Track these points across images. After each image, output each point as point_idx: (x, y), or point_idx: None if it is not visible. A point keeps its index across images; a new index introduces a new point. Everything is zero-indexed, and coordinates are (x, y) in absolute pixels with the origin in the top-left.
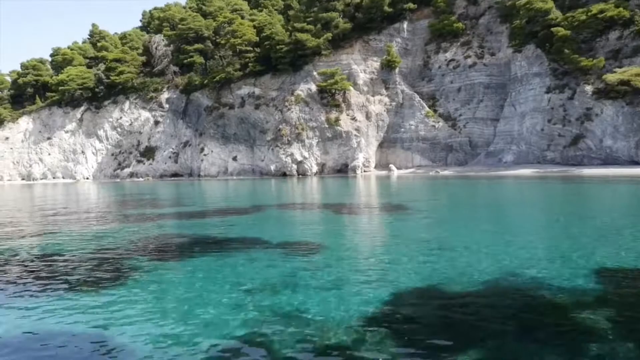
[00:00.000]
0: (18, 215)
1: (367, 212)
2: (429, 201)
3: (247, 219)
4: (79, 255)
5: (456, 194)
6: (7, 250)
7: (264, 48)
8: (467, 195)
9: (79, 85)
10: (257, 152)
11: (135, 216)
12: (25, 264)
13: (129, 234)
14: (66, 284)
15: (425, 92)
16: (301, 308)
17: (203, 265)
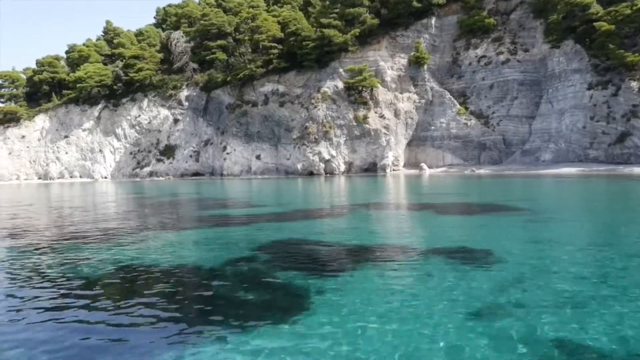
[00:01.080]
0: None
1: (477, 212)
2: (529, 201)
3: (356, 221)
4: (228, 277)
5: (536, 192)
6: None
7: (288, 44)
8: (550, 194)
9: (96, 83)
10: (282, 151)
11: (229, 219)
12: (187, 291)
13: (252, 241)
14: (235, 319)
15: (455, 89)
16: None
17: (393, 278)
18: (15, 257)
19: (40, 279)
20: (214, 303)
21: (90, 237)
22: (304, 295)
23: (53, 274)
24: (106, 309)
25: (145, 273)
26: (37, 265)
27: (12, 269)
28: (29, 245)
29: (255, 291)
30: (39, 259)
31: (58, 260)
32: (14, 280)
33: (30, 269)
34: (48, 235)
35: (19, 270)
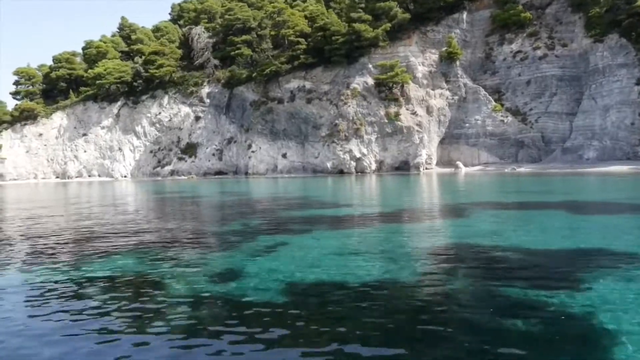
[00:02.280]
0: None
1: (617, 211)
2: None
3: (505, 221)
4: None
5: (623, 192)
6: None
7: (315, 39)
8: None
9: (116, 79)
10: (310, 149)
11: (343, 220)
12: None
13: (421, 246)
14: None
15: (489, 85)
16: None
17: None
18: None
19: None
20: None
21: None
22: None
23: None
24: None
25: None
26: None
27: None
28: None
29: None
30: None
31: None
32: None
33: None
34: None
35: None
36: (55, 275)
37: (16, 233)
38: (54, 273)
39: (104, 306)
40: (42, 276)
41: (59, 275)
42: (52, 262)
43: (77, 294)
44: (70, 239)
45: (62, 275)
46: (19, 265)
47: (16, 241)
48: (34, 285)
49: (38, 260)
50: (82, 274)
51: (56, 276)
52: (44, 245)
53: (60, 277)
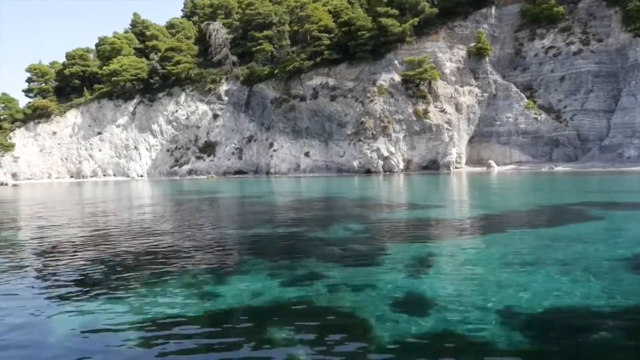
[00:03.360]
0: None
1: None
2: None
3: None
4: None
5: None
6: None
7: (339, 35)
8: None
9: (132, 76)
10: (334, 147)
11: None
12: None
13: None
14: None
15: (519, 82)
16: None
17: None
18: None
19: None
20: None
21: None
22: None
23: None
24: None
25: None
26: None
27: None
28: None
29: None
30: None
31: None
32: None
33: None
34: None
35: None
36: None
37: (37, 244)
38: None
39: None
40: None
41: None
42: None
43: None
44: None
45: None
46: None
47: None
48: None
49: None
50: (156, 309)
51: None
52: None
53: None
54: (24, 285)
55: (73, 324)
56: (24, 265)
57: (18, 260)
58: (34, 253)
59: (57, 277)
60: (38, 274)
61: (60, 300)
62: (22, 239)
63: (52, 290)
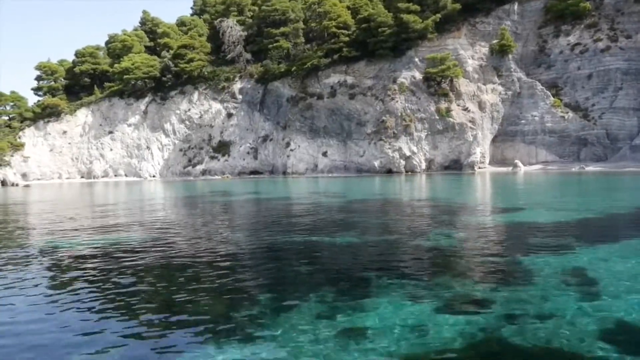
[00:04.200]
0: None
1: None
2: None
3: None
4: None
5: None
6: None
7: (359, 31)
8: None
9: (144, 74)
10: (353, 147)
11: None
12: None
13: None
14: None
15: (544, 79)
16: None
17: None
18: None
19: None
20: None
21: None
22: None
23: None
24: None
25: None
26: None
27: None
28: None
29: None
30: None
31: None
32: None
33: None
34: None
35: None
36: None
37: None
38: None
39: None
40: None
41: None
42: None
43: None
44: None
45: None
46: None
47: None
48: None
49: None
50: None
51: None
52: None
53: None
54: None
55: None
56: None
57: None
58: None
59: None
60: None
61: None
62: (61, 245)
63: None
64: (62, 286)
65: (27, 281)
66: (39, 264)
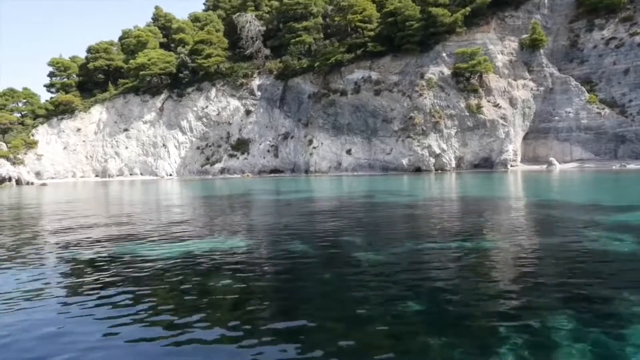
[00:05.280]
0: None
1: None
2: None
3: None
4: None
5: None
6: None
7: (384, 25)
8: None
9: (161, 70)
10: (379, 144)
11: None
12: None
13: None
14: None
15: (577, 75)
16: None
17: None
18: None
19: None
20: None
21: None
22: None
23: None
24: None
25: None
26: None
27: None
28: None
29: None
30: None
31: None
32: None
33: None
34: None
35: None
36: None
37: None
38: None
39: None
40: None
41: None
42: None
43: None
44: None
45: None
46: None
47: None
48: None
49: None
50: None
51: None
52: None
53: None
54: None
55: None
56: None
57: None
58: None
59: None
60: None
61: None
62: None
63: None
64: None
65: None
66: (118, 276)
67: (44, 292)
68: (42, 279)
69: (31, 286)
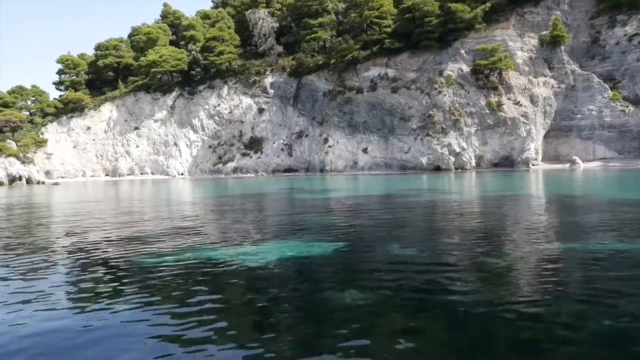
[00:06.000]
0: None
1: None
2: None
3: None
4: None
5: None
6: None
7: (402, 21)
8: None
9: (172, 67)
10: (396, 143)
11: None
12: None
13: None
14: None
15: (599, 72)
16: None
17: None
18: None
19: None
20: None
21: None
22: None
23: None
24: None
25: None
26: None
27: None
28: None
29: None
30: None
31: None
32: None
33: None
34: None
35: None
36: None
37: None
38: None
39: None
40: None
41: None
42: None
43: None
44: None
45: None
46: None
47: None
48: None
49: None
50: None
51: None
52: None
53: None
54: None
55: None
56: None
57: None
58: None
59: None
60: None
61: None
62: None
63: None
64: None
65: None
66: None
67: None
68: (102, 287)
69: (85, 292)
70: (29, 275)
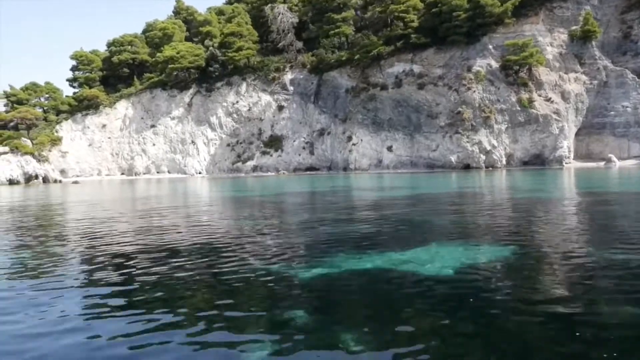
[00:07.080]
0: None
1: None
2: None
3: None
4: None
5: None
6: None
7: (428, 16)
8: None
9: (190, 64)
10: (422, 141)
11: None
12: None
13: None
14: None
15: (631, 68)
16: None
17: None
18: None
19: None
20: None
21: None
22: None
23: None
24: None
25: None
26: None
27: None
28: None
29: None
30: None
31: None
32: None
33: None
34: None
35: None
36: None
37: None
38: None
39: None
40: None
41: None
42: None
43: None
44: None
45: None
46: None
47: None
48: None
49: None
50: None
51: None
52: None
53: None
54: None
55: None
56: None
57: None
58: None
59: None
60: None
61: None
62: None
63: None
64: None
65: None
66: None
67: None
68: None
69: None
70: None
